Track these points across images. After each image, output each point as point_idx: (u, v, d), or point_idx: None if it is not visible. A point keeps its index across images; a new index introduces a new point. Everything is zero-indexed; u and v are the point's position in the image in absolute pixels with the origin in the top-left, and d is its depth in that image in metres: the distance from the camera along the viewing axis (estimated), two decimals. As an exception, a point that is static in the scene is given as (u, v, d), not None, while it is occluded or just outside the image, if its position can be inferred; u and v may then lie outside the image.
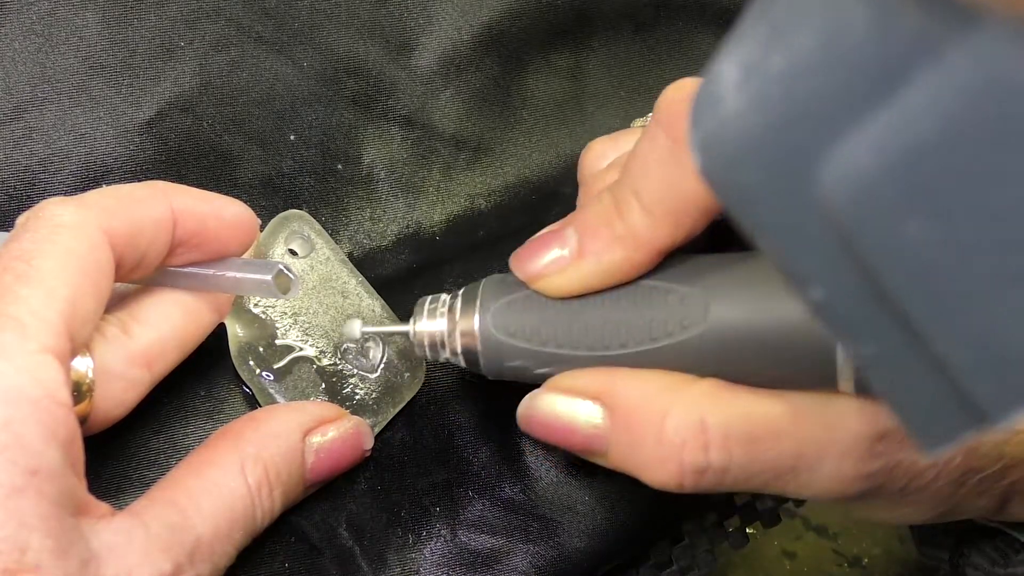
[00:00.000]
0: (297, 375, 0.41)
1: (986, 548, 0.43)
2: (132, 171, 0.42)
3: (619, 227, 0.33)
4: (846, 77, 0.20)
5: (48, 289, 0.30)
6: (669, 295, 0.33)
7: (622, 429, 0.33)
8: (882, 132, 0.19)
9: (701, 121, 0.24)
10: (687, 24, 0.51)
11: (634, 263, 0.33)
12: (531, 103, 0.49)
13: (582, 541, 0.40)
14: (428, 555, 0.39)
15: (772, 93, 0.21)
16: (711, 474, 0.32)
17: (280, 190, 0.45)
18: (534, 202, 0.49)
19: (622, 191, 0.33)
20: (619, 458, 0.34)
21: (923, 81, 0.18)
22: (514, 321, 0.35)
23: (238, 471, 0.34)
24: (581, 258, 0.34)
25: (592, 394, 0.34)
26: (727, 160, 0.23)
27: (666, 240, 0.33)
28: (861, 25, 0.19)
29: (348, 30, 0.46)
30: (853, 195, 0.20)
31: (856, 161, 0.20)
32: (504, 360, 0.36)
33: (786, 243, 0.23)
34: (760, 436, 0.32)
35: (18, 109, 0.41)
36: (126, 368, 0.34)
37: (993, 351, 0.20)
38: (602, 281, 0.34)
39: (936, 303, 0.20)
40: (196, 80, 0.44)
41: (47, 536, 0.28)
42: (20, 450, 0.28)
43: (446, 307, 0.37)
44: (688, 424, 0.32)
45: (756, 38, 0.22)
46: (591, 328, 0.34)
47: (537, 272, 0.35)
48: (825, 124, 0.20)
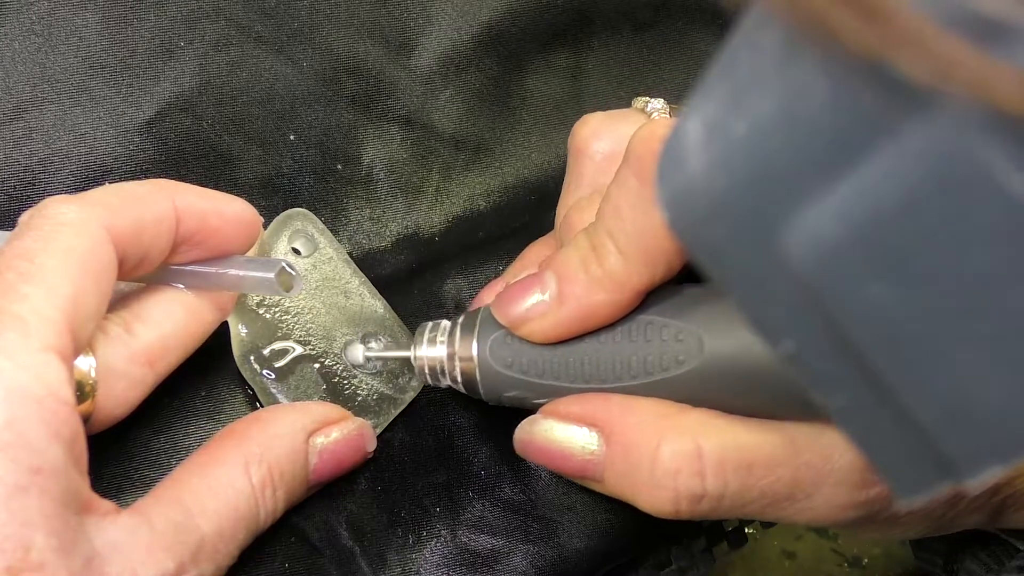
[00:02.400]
0: (299, 375, 0.41)
1: (980, 553, 0.43)
2: (132, 171, 0.42)
3: (596, 271, 0.33)
4: (806, 147, 0.20)
5: (51, 287, 0.30)
6: (664, 330, 0.34)
7: (618, 456, 0.34)
8: (843, 200, 0.19)
9: (667, 178, 0.24)
10: (687, 24, 0.51)
11: (614, 305, 0.34)
12: (531, 103, 0.49)
13: (582, 541, 0.40)
14: (428, 555, 0.39)
15: (734, 156, 0.22)
16: (707, 501, 0.32)
17: (280, 190, 0.45)
18: (534, 202, 0.49)
19: (597, 234, 0.34)
20: (615, 485, 0.34)
21: (882, 153, 0.19)
22: (511, 353, 0.36)
23: (242, 471, 0.34)
24: (562, 303, 0.34)
25: (588, 421, 0.34)
26: (693, 218, 0.23)
27: (644, 281, 0.33)
28: (820, 97, 0.20)
29: (348, 30, 0.46)
30: (817, 259, 0.20)
31: (819, 227, 0.20)
32: (502, 390, 0.36)
33: (755, 298, 0.23)
34: (755, 464, 0.32)
35: (18, 109, 0.41)
36: (129, 367, 0.34)
37: (962, 410, 0.20)
38: (583, 325, 0.34)
39: (903, 362, 0.20)
40: (196, 80, 0.43)
41: (51, 534, 0.28)
42: (23, 448, 0.28)
43: (446, 335, 0.37)
44: (683, 451, 0.32)
45: (719, 98, 0.22)
46: (586, 362, 0.35)
47: (519, 317, 0.35)
48: (787, 190, 0.21)
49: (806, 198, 0.20)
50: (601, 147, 0.41)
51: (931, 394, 0.20)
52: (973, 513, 0.36)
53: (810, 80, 0.20)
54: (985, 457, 0.20)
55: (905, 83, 0.17)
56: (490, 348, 0.36)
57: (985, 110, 0.17)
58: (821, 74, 0.19)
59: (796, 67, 0.20)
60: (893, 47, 0.17)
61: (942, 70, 0.17)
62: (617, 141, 0.40)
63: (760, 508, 0.33)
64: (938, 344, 0.20)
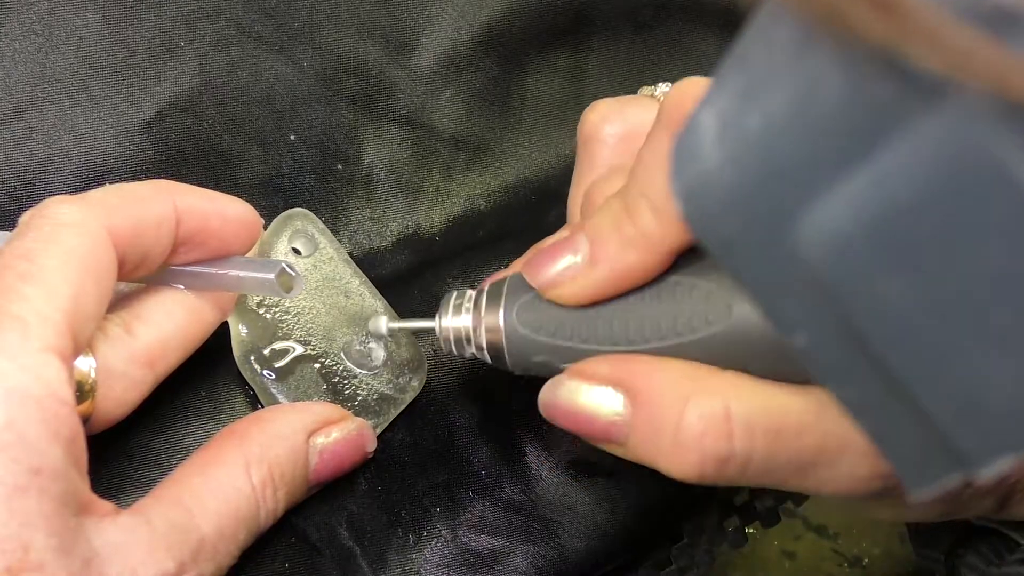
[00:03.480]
0: (299, 375, 0.41)
1: (981, 548, 0.43)
2: (132, 171, 0.42)
3: (630, 230, 0.33)
4: (820, 140, 0.20)
5: (51, 288, 0.30)
6: (693, 290, 0.33)
7: (643, 418, 0.33)
8: (857, 194, 0.19)
9: (682, 171, 0.24)
10: (687, 24, 0.51)
11: (647, 266, 0.33)
12: (531, 103, 0.49)
13: (582, 541, 0.40)
14: (429, 555, 0.39)
15: (748, 150, 0.22)
16: (733, 464, 0.32)
17: (280, 190, 0.45)
18: (534, 202, 0.49)
19: (631, 195, 0.33)
20: (639, 447, 0.33)
21: (896, 147, 0.19)
22: (538, 317, 0.35)
23: (243, 471, 0.34)
24: (594, 264, 0.33)
25: (614, 381, 0.33)
26: (707, 211, 0.23)
27: (677, 240, 0.33)
28: (834, 90, 0.20)
29: (348, 30, 0.46)
30: (830, 253, 0.20)
31: (833, 221, 0.20)
32: (529, 356, 0.36)
33: (768, 291, 0.23)
34: (783, 428, 0.31)
35: (18, 109, 0.41)
36: (129, 367, 0.34)
37: (974, 403, 0.20)
38: (616, 287, 0.34)
39: (916, 356, 0.20)
40: (196, 80, 0.44)
41: (50, 535, 0.28)
42: (23, 449, 0.28)
43: (471, 303, 0.37)
44: (711, 412, 0.31)
45: (733, 91, 0.22)
46: (615, 323, 0.34)
47: (551, 280, 0.34)
48: (801, 184, 0.21)
49: (820, 192, 0.20)
50: (613, 130, 0.40)
51: (943, 386, 0.20)
52: (986, 496, 0.36)
53: (824, 73, 0.20)
54: (997, 448, 0.20)
55: (919, 75, 0.17)
56: (517, 313, 0.35)
57: (1000, 102, 0.17)
58: (835, 67, 0.19)
59: (810, 60, 0.20)
60: (907, 39, 0.17)
61: (956, 62, 0.17)
62: (628, 124, 0.40)
63: (785, 476, 0.32)
64: (950, 337, 0.20)
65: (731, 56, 0.23)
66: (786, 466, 0.32)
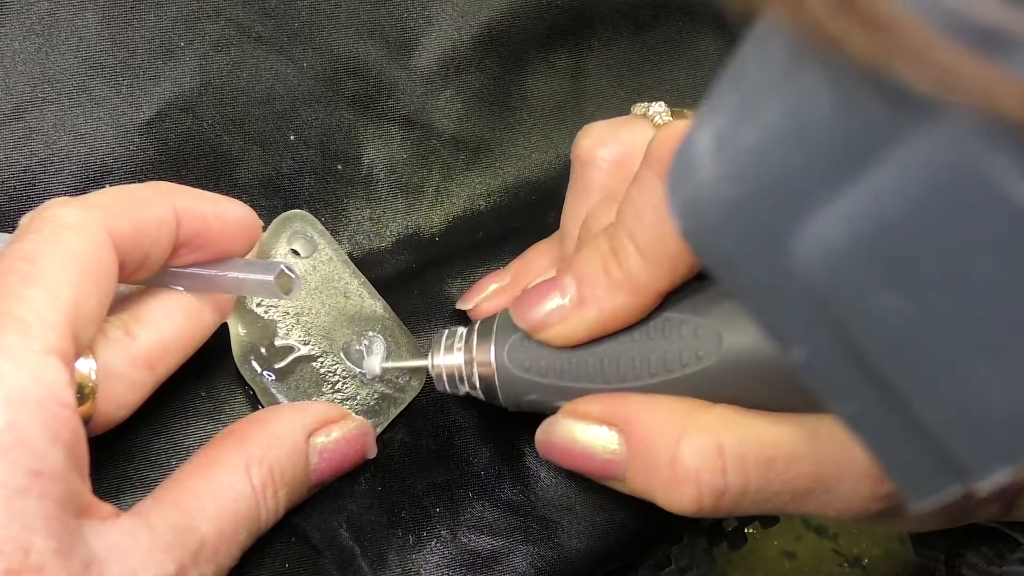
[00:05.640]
0: (299, 375, 0.41)
1: (982, 548, 0.43)
2: (132, 171, 0.42)
3: (617, 273, 0.33)
4: (814, 157, 0.20)
5: (52, 290, 0.30)
6: (683, 326, 0.33)
7: (638, 454, 0.33)
8: (851, 209, 0.20)
9: (679, 187, 0.24)
10: (687, 24, 0.51)
11: (635, 307, 0.34)
12: (531, 103, 0.49)
13: (582, 542, 0.40)
14: (428, 556, 0.39)
15: (743, 166, 0.22)
16: (729, 497, 0.32)
17: (280, 190, 0.45)
18: (534, 202, 0.49)
19: (617, 236, 0.33)
20: (636, 483, 0.34)
21: (887, 163, 0.19)
22: (529, 357, 0.36)
23: (243, 472, 0.34)
24: (582, 306, 0.34)
25: (607, 420, 0.34)
26: (704, 227, 0.24)
27: (664, 283, 0.33)
28: (826, 108, 0.20)
29: (348, 30, 0.46)
30: (826, 267, 0.20)
31: (828, 236, 0.20)
32: (521, 394, 0.36)
33: (766, 306, 0.24)
34: (775, 458, 0.32)
35: (18, 109, 0.41)
36: (129, 369, 0.34)
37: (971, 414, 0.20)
38: (604, 328, 0.34)
39: (913, 369, 0.21)
40: (196, 80, 0.43)
41: (51, 537, 0.28)
42: (23, 451, 0.28)
43: (463, 341, 0.37)
44: (704, 448, 0.32)
45: (729, 108, 0.22)
46: (605, 362, 0.34)
47: (539, 322, 0.35)
48: (795, 200, 0.21)
49: (815, 207, 0.20)
50: (607, 154, 0.41)
51: (940, 399, 0.21)
52: (991, 503, 0.36)
53: (815, 90, 0.20)
54: (995, 459, 0.20)
55: (908, 93, 0.17)
56: (508, 352, 0.36)
57: (988, 119, 0.17)
58: (826, 84, 0.19)
59: (802, 77, 0.20)
60: (895, 57, 0.17)
61: (944, 80, 0.17)
62: (622, 147, 0.40)
63: (782, 503, 0.33)
64: (946, 350, 0.20)
65: (726, 73, 0.23)
66: (783, 493, 0.32)
